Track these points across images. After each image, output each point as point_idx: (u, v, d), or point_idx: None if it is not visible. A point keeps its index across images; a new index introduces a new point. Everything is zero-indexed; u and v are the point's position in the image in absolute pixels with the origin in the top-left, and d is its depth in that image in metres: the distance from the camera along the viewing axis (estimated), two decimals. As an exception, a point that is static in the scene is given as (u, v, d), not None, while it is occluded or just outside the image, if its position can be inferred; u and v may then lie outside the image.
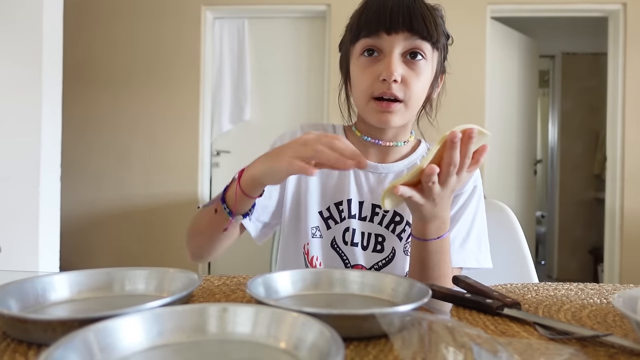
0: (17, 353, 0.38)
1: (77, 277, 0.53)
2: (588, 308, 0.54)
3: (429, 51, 0.79)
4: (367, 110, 0.82)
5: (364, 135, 0.88)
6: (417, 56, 0.78)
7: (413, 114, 0.83)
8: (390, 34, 0.77)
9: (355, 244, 0.86)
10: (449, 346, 0.34)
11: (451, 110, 1.23)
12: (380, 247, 0.86)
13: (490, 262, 0.86)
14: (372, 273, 0.58)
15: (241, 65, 3.34)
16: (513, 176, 3.77)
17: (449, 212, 0.74)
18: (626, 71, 3.18)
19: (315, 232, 0.87)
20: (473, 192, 0.87)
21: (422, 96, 0.82)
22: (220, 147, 3.40)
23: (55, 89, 2.06)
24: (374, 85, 0.78)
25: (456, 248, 0.83)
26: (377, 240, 0.86)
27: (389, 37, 0.77)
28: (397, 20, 0.76)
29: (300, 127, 0.93)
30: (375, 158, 0.89)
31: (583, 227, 4.49)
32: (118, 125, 3.32)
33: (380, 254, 0.86)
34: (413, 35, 0.77)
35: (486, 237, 0.88)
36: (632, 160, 3.16)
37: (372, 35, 0.78)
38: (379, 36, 0.78)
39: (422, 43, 0.78)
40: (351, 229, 0.86)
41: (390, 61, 0.76)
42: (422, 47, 0.78)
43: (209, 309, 0.39)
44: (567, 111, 4.55)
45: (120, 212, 3.32)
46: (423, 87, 0.81)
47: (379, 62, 0.79)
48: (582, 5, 3.25)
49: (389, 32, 0.77)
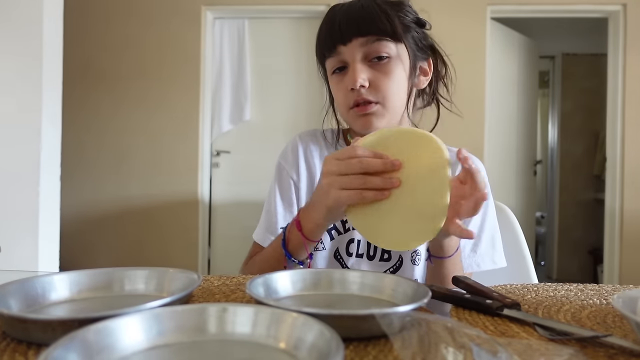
0: (16, 353, 0.38)
1: (77, 277, 0.53)
2: (588, 309, 0.54)
3: (392, 48, 0.79)
4: (350, 121, 0.84)
5: None
6: (382, 58, 0.79)
7: (397, 112, 0.82)
8: (346, 44, 0.78)
9: (361, 255, 0.85)
10: (448, 347, 0.34)
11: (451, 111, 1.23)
12: (387, 256, 0.85)
13: (504, 260, 0.86)
14: (372, 273, 0.57)
15: (241, 65, 3.34)
16: (513, 177, 3.77)
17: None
18: (626, 72, 3.18)
19: (317, 246, 0.86)
20: None
21: (400, 93, 0.81)
22: (220, 147, 3.40)
23: (56, 89, 2.06)
24: (347, 96, 0.80)
25: (467, 253, 0.83)
26: (384, 249, 0.85)
27: (346, 47, 0.79)
28: (348, 30, 0.78)
29: (298, 137, 0.93)
30: None
31: (583, 227, 4.49)
32: (118, 125, 3.32)
33: (387, 263, 0.85)
34: (368, 38, 0.77)
35: (499, 235, 0.88)
36: (631, 161, 3.16)
37: (333, 53, 0.80)
38: (337, 51, 0.80)
39: (380, 43, 0.78)
40: (356, 241, 0.85)
41: (353, 70, 0.78)
42: (382, 47, 0.78)
43: (209, 309, 0.39)
44: (567, 112, 4.55)
45: (120, 212, 3.32)
46: (397, 85, 0.80)
47: (347, 74, 0.80)
48: (582, 6, 3.25)
49: (344, 43, 0.78)
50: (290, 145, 0.92)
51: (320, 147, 0.92)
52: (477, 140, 3.17)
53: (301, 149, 0.91)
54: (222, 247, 3.38)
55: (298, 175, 0.89)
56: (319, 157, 0.91)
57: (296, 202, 0.89)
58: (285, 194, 0.89)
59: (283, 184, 0.90)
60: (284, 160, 0.91)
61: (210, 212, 3.39)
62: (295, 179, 0.89)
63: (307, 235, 0.70)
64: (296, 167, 0.90)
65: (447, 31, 3.42)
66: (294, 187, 0.89)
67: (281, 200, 0.88)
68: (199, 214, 3.28)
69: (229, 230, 3.35)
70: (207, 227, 3.37)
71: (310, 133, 0.94)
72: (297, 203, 0.89)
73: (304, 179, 0.89)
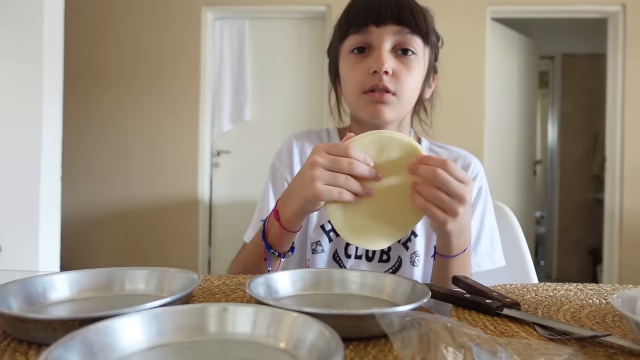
0: (17, 352, 0.38)
1: (77, 276, 0.53)
2: (587, 308, 0.54)
3: (420, 47, 0.79)
4: (359, 106, 0.80)
5: None
6: (408, 52, 0.78)
7: (406, 110, 0.82)
8: (379, 27, 0.76)
9: (359, 256, 0.85)
10: (448, 346, 0.34)
11: (451, 111, 1.23)
12: (386, 257, 0.84)
13: (503, 259, 0.86)
14: (372, 273, 0.57)
15: (241, 66, 3.34)
16: (513, 177, 3.77)
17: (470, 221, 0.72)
18: (625, 72, 3.18)
19: (315, 248, 0.85)
20: (479, 193, 0.86)
21: (415, 92, 0.81)
22: (220, 147, 3.40)
23: (56, 89, 2.06)
24: (364, 79, 0.78)
25: None
26: (383, 250, 0.84)
27: (378, 29, 0.77)
28: (385, 13, 0.76)
29: (294, 137, 0.92)
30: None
31: (582, 227, 4.49)
32: (118, 125, 3.32)
33: (386, 264, 0.85)
34: (402, 28, 0.76)
35: (497, 234, 0.87)
36: (631, 161, 3.16)
37: (361, 31, 0.78)
38: (367, 30, 0.77)
39: (412, 37, 0.77)
40: None
41: (381, 53, 0.76)
42: (412, 42, 0.77)
43: (209, 308, 0.39)
44: (567, 112, 4.55)
45: (120, 212, 3.32)
46: (415, 82, 0.80)
47: (368, 57, 0.78)
48: (582, 7, 3.25)
49: (377, 25, 0.76)
50: (285, 146, 0.91)
51: None
52: (477, 140, 3.17)
53: (297, 149, 0.90)
54: (222, 247, 3.38)
55: (292, 176, 0.88)
56: None
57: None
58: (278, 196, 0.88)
59: (277, 185, 0.89)
60: (278, 162, 0.90)
61: (211, 212, 3.39)
62: (289, 180, 0.88)
63: (285, 225, 0.68)
64: (290, 168, 0.89)
65: (447, 31, 3.41)
66: None
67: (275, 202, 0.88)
68: (199, 214, 3.28)
69: (229, 230, 3.35)
70: (207, 227, 3.37)
71: (306, 133, 0.93)
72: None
73: None
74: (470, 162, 0.89)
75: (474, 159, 0.90)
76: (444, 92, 0.96)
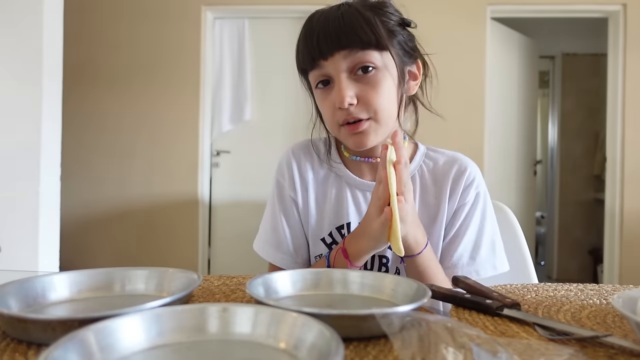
0: (16, 352, 0.38)
1: (77, 276, 0.53)
2: (588, 309, 0.54)
3: (378, 57, 0.74)
4: (341, 137, 0.80)
5: (352, 156, 0.86)
6: (368, 68, 0.74)
7: (389, 125, 0.78)
8: (327, 59, 0.74)
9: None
10: (448, 346, 0.34)
11: (451, 111, 1.23)
12: (385, 269, 0.84)
13: (506, 264, 0.84)
14: (372, 273, 0.58)
15: (241, 66, 3.34)
16: (513, 177, 3.77)
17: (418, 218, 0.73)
18: (626, 72, 3.18)
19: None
20: (476, 200, 0.84)
21: (391, 104, 0.77)
22: (220, 147, 3.40)
23: (56, 88, 2.06)
24: (336, 114, 0.76)
25: (466, 261, 0.81)
26: (382, 262, 0.84)
27: (327, 62, 0.74)
28: (327, 44, 0.73)
29: (291, 152, 0.91)
30: (370, 176, 0.86)
31: (583, 227, 4.49)
32: (118, 125, 3.32)
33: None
34: (350, 50, 0.73)
35: (499, 239, 0.85)
36: (631, 161, 3.16)
37: (314, 67, 0.76)
38: (319, 65, 0.75)
39: (365, 53, 0.73)
40: None
41: (339, 88, 0.73)
42: (367, 57, 0.74)
43: (209, 309, 0.39)
44: (567, 112, 4.55)
45: (120, 212, 3.32)
46: (387, 96, 0.76)
47: (332, 89, 0.76)
48: (582, 6, 3.25)
49: (325, 58, 0.74)
50: (284, 162, 0.90)
51: (313, 160, 0.90)
52: (477, 140, 3.17)
53: (295, 165, 0.89)
54: (222, 247, 3.38)
55: (295, 192, 0.88)
56: (311, 171, 0.89)
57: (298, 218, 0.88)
58: (288, 213, 0.88)
59: (284, 202, 0.88)
60: (281, 177, 0.89)
61: (210, 212, 3.39)
62: (293, 195, 0.88)
63: (354, 262, 0.73)
64: (292, 184, 0.88)
65: (447, 31, 3.40)
66: (294, 205, 0.88)
67: (286, 219, 0.87)
68: (199, 214, 3.28)
69: (229, 230, 3.35)
70: (207, 227, 3.37)
71: (303, 146, 0.92)
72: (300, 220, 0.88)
73: (300, 195, 0.88)
74: (466, 167, 0.85)
75: (471, 164, 0.86)
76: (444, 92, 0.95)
